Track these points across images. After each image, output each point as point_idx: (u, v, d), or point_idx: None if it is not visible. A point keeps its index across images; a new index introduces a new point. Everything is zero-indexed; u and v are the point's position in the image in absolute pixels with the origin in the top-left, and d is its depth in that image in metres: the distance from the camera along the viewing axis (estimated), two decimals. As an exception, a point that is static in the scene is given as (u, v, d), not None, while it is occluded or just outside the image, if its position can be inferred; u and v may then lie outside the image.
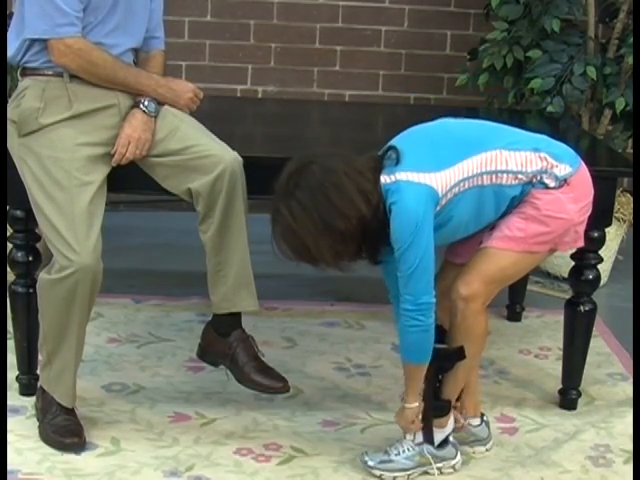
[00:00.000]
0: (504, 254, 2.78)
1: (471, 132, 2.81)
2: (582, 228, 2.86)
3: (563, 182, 2.76)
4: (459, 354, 2.81)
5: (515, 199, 2.77)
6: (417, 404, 2.86)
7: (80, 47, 2.89)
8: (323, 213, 2.60)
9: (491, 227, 2.82)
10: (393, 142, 2.75)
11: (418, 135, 2.77)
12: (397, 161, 2.67)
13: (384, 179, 2.67)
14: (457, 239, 2.85)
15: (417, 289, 2.67)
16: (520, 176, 2.74)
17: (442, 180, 2.67)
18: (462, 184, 2.70)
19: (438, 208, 2.69)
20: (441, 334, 2.81)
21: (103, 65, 2.93)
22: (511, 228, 2.77)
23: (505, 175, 2.74)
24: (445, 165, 2.68)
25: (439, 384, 2.88)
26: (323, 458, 2.99)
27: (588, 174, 2.86)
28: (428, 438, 2.91)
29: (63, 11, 2.85)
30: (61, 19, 2.86)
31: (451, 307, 2.79)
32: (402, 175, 2.65)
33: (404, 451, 2.92)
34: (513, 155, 2.74)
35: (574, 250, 3.15)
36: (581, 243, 2.91)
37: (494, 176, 2.73)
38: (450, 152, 2.71)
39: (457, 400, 2.98)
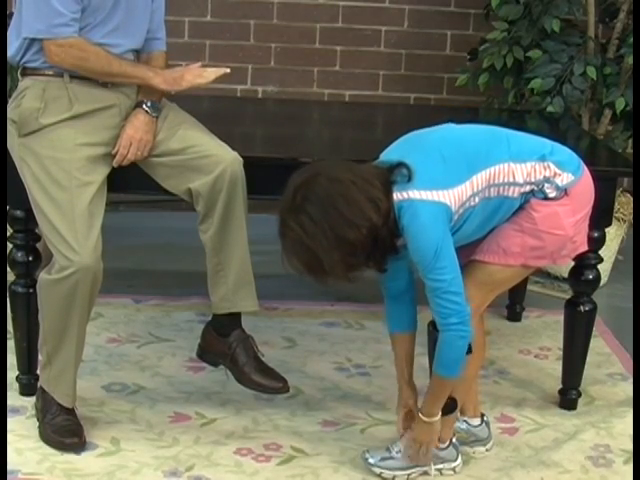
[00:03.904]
0: (499, 268, 2.79)
1: (479, 143, 2.76)
2: (580, 236, 2.85)
3: (563, 192, 2.76)
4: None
5: (517, 208, 2.77)
6: (439, 418, 2.84)
7: (71, 44, 2.88)
8: (334, 225, 2.54)
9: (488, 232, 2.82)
10: (402, 155, 2.68)
11: (428, 149, 2.71)
12: (409, 178, 2.62)
13: (396, 196, 2.62)
14: (458, 246, 2.83)
15: (457, 302, 2.65)
16: (525, 187, 2.74)
17: (454, 197, 2.64)
18: (472, 199, 2.69)
19: (452, 224, 2.67)
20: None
21: (96, 59, 2.91)
22: (508, 242, 2.77)
23: (512, 187, 2.73)
24: (456, 181, 2.66)
25: None
26: (323, 458, 3.00)
27: (590, 180, 2.84)
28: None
29: (59, 12, 2.85)
30: (57, 19, 2.85)
31: None
32: (416, 193, 2.61)
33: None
34: (519, 167, 2.73)
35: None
36: (583, 248, 2.89)
37: (501, 188, 2.72)
38: (460, 167, 2.68)
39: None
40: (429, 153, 2.70)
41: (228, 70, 3.05)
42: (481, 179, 2.70)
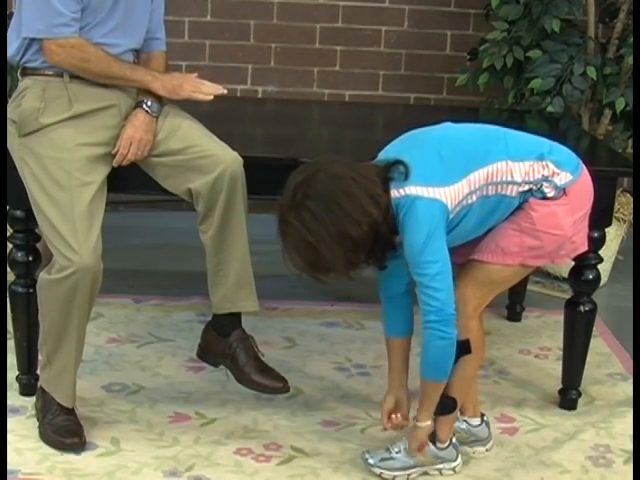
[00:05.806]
0: (498, 268, 2.79)
1: (477, 142, 2.76)
2: (580, 236, 2.84)
3: (562, 192, 2.76)
4: (464, 347, 2.80)
5: (515, 207, 2.77)
6: (430, 422, 2.85)
7: (73, 45, 2.89)
8: (336, 221, 2.55)
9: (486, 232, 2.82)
10: (400, 153, 2.70)
11: (426, 147, 2.72)
12: (406, 175, 2.64)
13: (394, 193, 2.64)
14: (455, 245, 2.83)
15: (438, 298, 2.64)
16: (523, 186, 2.74)
17: (451, 194, 2.65)
18: (469, 197, 2.69)
19: (448, 221, 2.67)
20: None
21: (96, 60, 2.92)
22: (506, 242, 2.77)
23: (510, 186, 2.73)
24: (453, 179, 2.66)
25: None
26: (323, 458, 3.00)
27: (589, 180, 2.85)
28: (430, 436, 2.91)
29: (59, 12, 2.85)
30: (57, 19, 2.86)
31: None
32: (412, 189, 2.62)
33: (405, 448, 2.92)
34: (518, 166, 2.73)
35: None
36: (583, 248, 2.89)
37: (499, 187, 2.72)
38: (458, 165, 2.68)
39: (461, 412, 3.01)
40: (426, 151, 2.71)
41: (226, 91, 3.07)
42: (479, 177, 2.70)
